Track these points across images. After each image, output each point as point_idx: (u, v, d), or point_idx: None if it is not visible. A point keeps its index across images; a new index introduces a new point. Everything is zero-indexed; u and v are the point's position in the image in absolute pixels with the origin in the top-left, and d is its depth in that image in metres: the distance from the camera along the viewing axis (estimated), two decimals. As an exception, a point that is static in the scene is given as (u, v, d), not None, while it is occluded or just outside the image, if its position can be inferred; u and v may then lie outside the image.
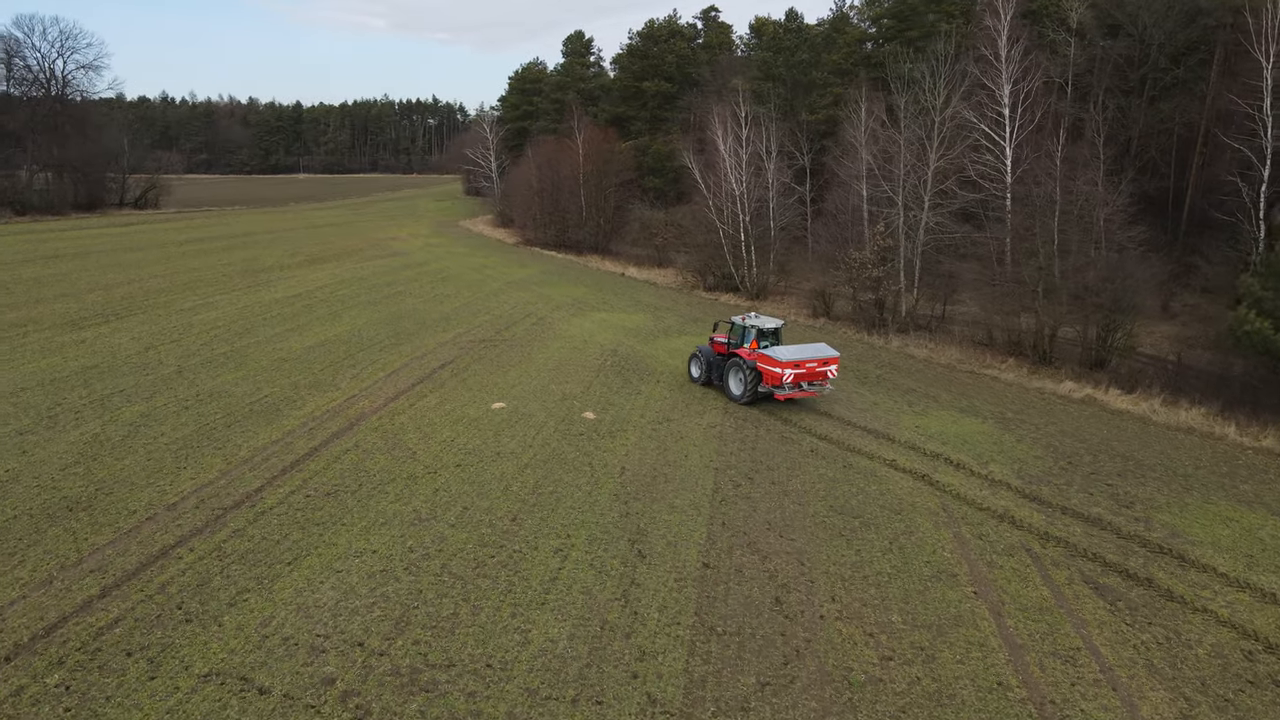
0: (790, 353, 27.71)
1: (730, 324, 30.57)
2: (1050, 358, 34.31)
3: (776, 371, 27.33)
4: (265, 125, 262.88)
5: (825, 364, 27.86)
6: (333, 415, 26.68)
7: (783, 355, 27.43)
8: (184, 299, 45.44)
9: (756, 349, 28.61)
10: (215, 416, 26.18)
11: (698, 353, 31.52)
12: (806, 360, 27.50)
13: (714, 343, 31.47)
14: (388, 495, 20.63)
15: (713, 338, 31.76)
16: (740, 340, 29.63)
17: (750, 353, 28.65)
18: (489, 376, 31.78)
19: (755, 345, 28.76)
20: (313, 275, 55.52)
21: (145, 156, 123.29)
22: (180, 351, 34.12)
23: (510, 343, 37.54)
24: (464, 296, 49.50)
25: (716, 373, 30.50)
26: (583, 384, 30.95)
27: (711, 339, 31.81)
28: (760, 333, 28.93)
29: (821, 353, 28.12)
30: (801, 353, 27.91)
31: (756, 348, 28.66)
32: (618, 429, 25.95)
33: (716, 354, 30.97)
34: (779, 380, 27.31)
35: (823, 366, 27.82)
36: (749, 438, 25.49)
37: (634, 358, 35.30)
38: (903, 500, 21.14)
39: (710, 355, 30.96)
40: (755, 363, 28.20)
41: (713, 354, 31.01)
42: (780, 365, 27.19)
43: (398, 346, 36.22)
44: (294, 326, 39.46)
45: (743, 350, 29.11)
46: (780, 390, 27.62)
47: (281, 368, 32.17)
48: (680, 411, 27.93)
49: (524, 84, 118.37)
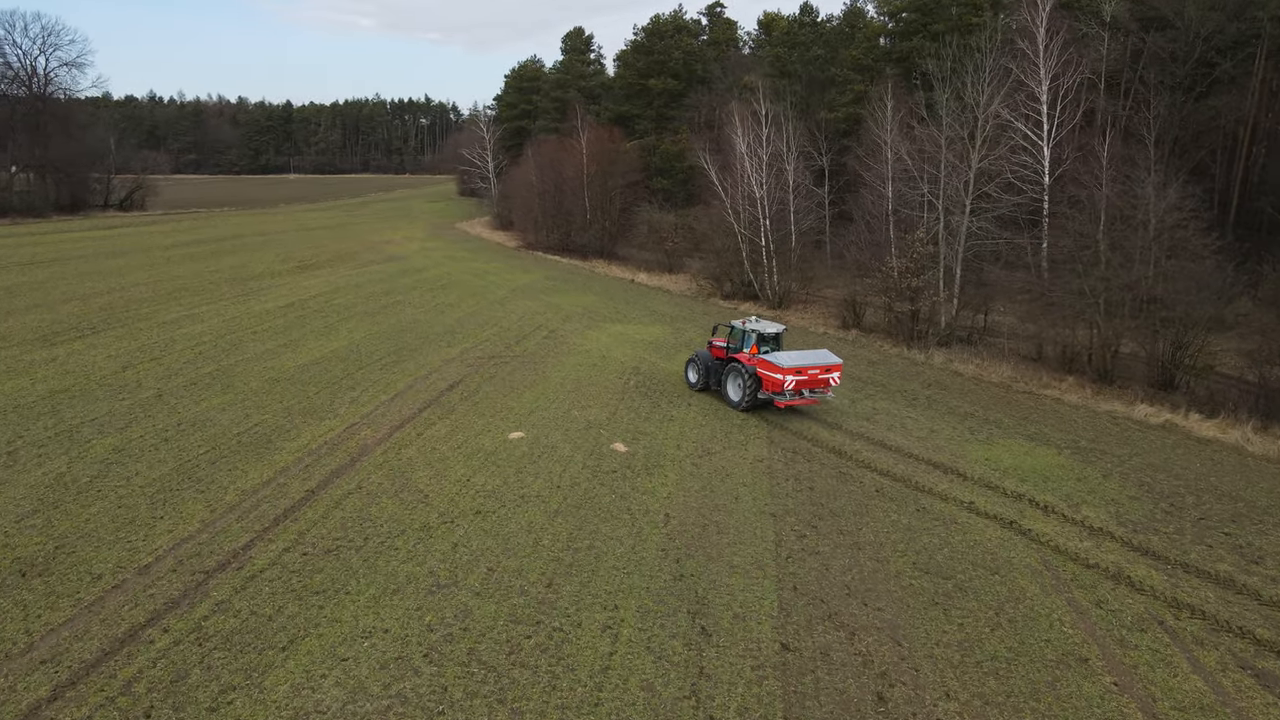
0: (792, 359, 26.64)
1: (730, 328, 29.58)
2: (1111, 375, 31.55)
3: (777, 378, 26.24)
4: (255, 125, 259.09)
5: (828, 371, 26.84)
6: (331, 448, 23.68)
7: (784, 361, 26.34)
8: (167, 310, 42.29)
9: (756, 354, 27.61)
10: (198, 451, 23.15)
11: (695, 357, 30.38)
12: (808, 367, 26.49)
13: (712, 347, 30.38)
14: (398, 552, 17.66)
15: (711, 341, 30.66)
16: (739, 345, 28.74)
17: (750, 358, 27.64)
18: (502, 399, 28.81)
19: (755, 350, 27.78)
20: (305, 283, 52.40)
21: (131, 156, 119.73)
22: (161, 371, 31.03)
23: (522, 359, 34.57)
24: (467, 306, 46.48)
25: (715, 378, 29.47)
26: (607, 408, 28.01)
27: (710, 343, 30.71)
28: (760, 337, 27.96)
29: (824, 359, 27.11)
30: (803, 359, 26.86)
31: (756, 353, 27.69)
32: (654, 464, 23.02)
33: (715, 358, 29.89)
34: (780, 387, 26.27)
35: (825, 374, 26.81)
36: (803, 474, 22.60)
37: (658, 376, 32.38)
38: (996, 555, 18.28)
39: (708, 359, 29.86)
40: (755, 368, 27.16)
41: (711, 358, 29.92)
42: (781, 372, 26.12)
43: (400, 364, 33.21)
44: (286, 341, 36.39)
45: (742, 355, 28.15)
46: (781, 397, 26.61)
47: (273, 390, 29.12)
48: (720, 442, 25.02)
49: (521, 82, 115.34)
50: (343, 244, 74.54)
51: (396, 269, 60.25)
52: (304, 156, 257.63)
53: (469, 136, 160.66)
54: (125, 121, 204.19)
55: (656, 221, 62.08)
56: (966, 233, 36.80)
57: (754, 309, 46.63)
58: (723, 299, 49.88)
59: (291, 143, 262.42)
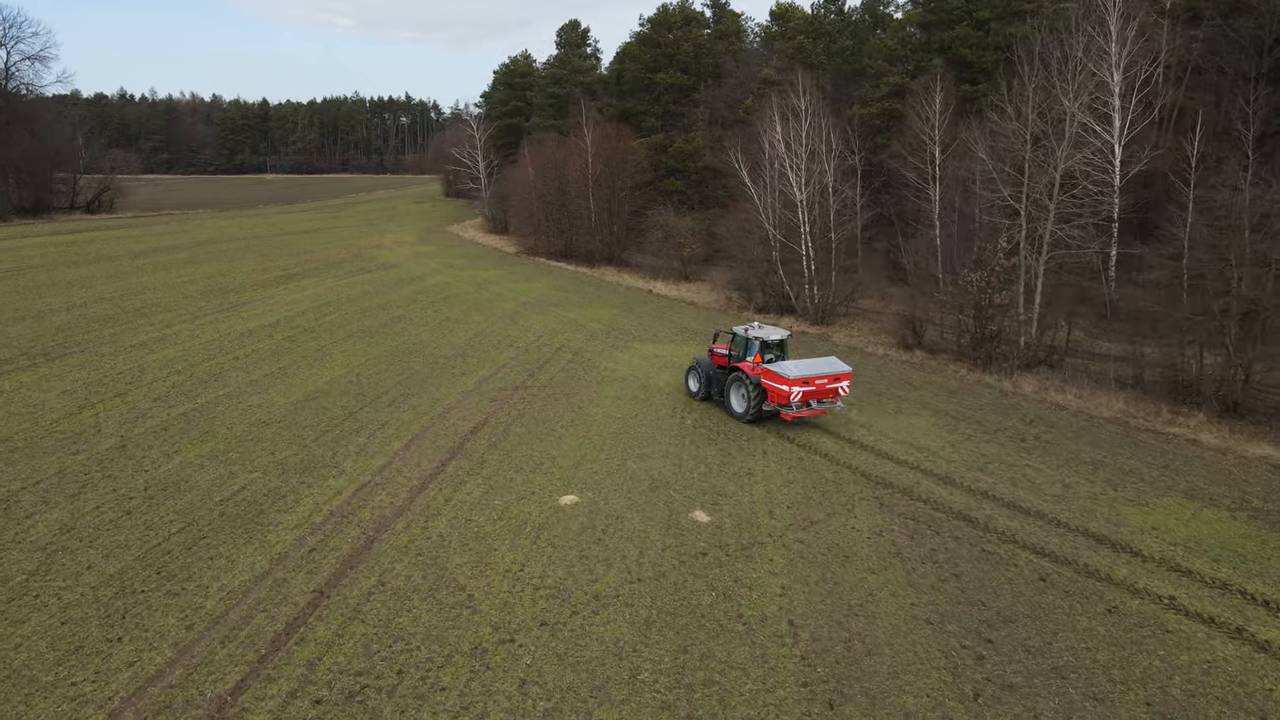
0: (799, 368, 25.25)
1: (732, 334, 27.93)
2: (1239, 409, 27.24)
3: (784, 389, 24.79)
4: (230, 124, 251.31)
5: (836, 380, 25.53)
6: (340, 521, 18.80)
7: (791, 371, 24.93)
8: (136, 330, 37.05)
9: (760, 363, 26.07)
10: (170, 528, 18.20)
11: (695, 365, 28.69)
12: (816, 377, 25.08)
13: (713, 354, 28.68)
14: (447, 697, 12.87)
15: (712, 349, 28.97)
16: (743, 353, 27.07)
17: (754, 367, 26.13)
18: (540, 446, 24.01)
19: (759, 359, 26.19)
20: (291, 296, 47.21)
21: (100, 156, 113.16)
22: (126, 412, 25.94)
23: (551, 391, 29.76)
24: (475, 323, 41.55)
25: (717, 387, 27.89)
26: (669, 458, 23.27)
27: (711, 350, 29.01)
28: (764, 345, 26.37)
29: (833, 368, 25.75)
30: (811, 368, 25.44)
31: (760, 361, 26.13)
32: (750, 541, 18.32)
33: (716, 366, 28.18)
34: (787, 399, 24.83)
35: (834, 383, 25.49)
36: (939, 554, 17.98)
37: (717, 413, 27.67)
38: (1246, 686, 13.73)
39: (710, 368, 28.16)
40: (759, 378, 25.69)
41: (712, 366, 28.22)
42: (788, 382, 24.63)
43: (410, 399, 28.30)
44: (274, 370, 31.35)
45: (745, 364, 26.54)
46: (788, 409, 25.15)
47: (261, 436, 24.14)
48: (819, 505, 20.35)
49: (512, 78, 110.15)
50: (328, 250, 69.21)
51: (390, 279, 55.12)
52: (281, 156, 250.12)
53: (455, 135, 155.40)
54: (94, 120, 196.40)
55: (672, 226, 57.33)
56: (1050, 241, 32.35)
57: (793, 324, 42.05)
58: (754, 313, 45.22)
59: (268, 142, 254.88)
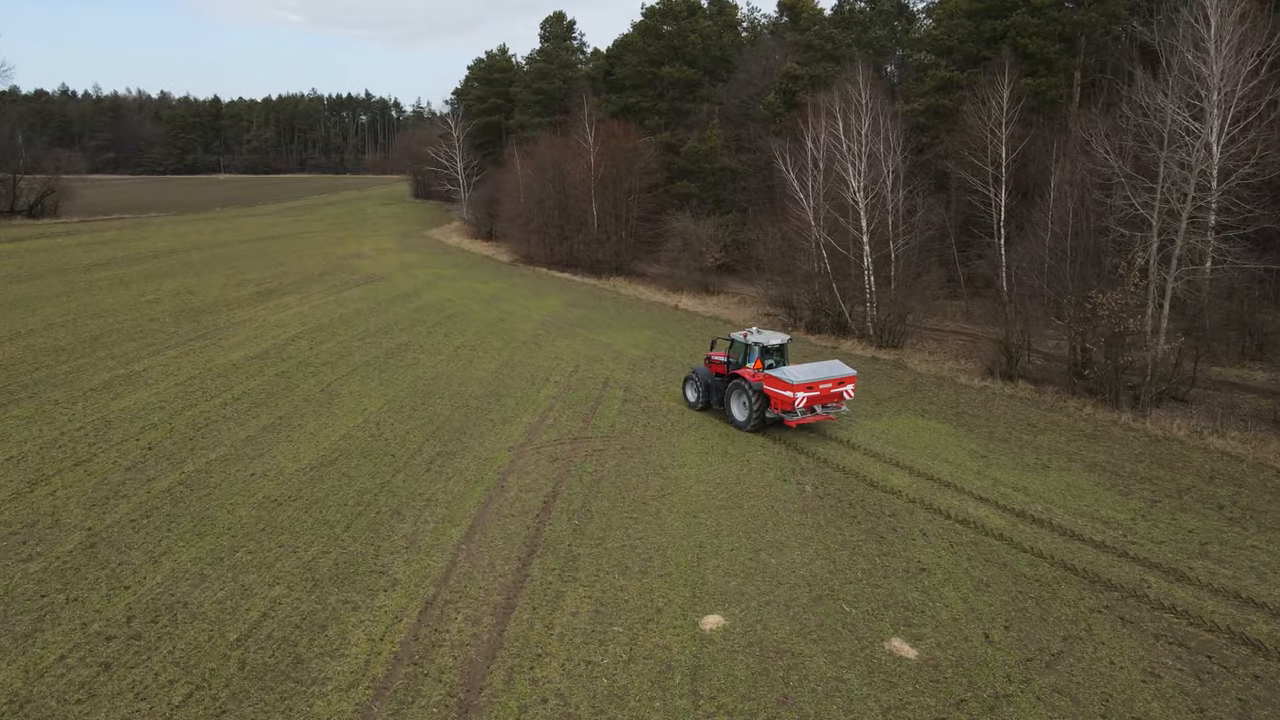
0: (803, 373, 24.66)
1: (730, 341, 27.32)
2: None
3: (788, 395, 24.06)
4: (180, 121, 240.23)
5: (841, 384, 25.01)
6: (412, 674, 13.41)
7: (795, 376, 24.21)
8: (95, 366, 30.96)
9: (761, 369, 25.48)
10: (169, 699, 12.66)
11: (693, 373, 27.82)
12: (821, 381, 24.53)
13: (711, 362, 27.94)
14: None
15: (710, 356, 28.21)
16: (742, 359, 26.50)
17: (755, 373, 25.46)
18: (638, 529, 18.77)
19: (760, 365, 25.61)
20: (274, 317, 41.17)
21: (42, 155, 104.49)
22: (92, 488, 20.14)
23: (618, 443, 24.48)
24: (495, 350, 36.03)
25: (716, 396, 27.04)
26: (810, 544, 18.17)
27: (708, 357, 28.28)
28: (764, 350, 25.81)
29: (836, 371, 25.23)
30: (815, 373, 24.91)
31: (761, 367, 25.55)
32: (990, 694, 13.28)
33: (715, 375, 27.40)
34: (791, 405, 24.14)
35: (838, 387, 24.96)
36: (1253, 711, 13.11)
37: (841, 478, 22.63)
38: None
39: (707, 376, 27.37)
40: (761, 385, 24.98)
41: (710, 375, 27.45)
42: (792, 388, 23.92)
43: (450, 460, 22.84)
44: (273, 421, 25.61)
45: (745, 370, 25.91)
46: (792, 416, 24.45)
47: (274, 523, 18.55)
48: (1045, 625, 15.36)
49: (491, 74, 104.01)
50: (305, 260, 62.85)
51: (382, 294, 49.20)
52: (235, 155, 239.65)
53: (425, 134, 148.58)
54: (34, 117, 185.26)
55: (692, 233, 52.21)
56: (1189, 255, 27.90)
57: (856, 348, 37.22)
58: (806, 332, 40.30)
59: (221, 140, 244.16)
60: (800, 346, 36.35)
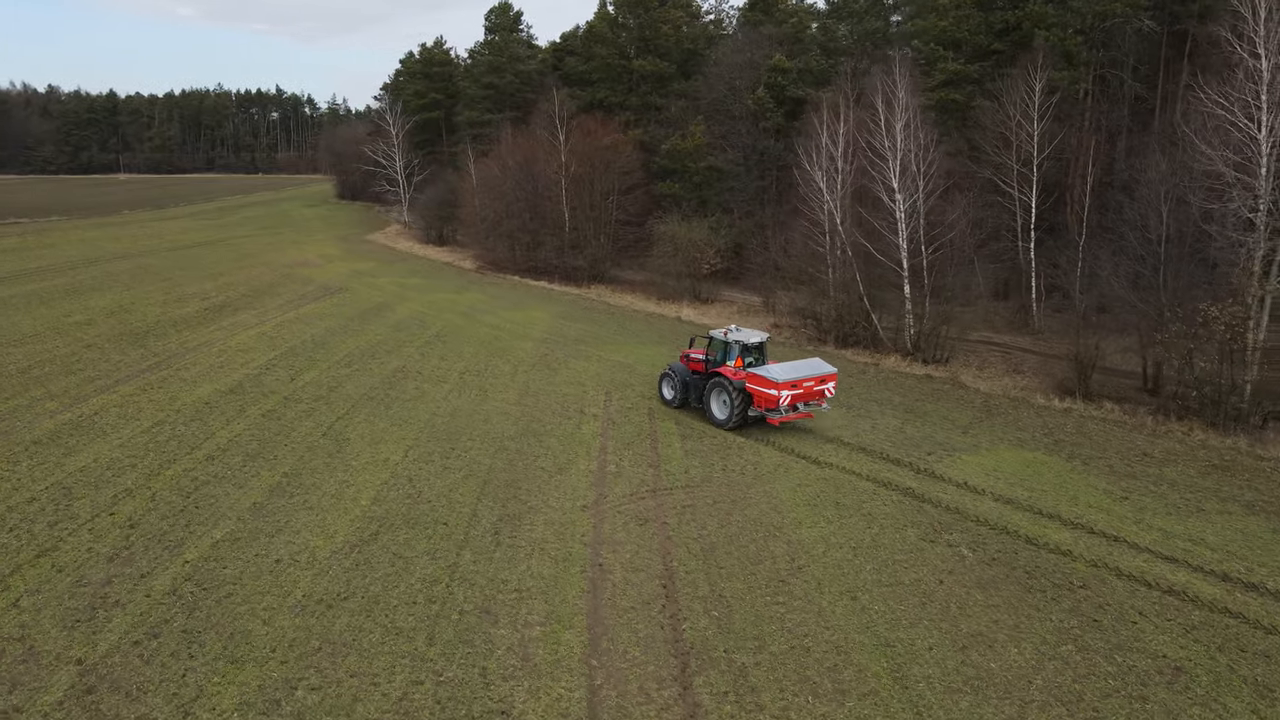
0: (785, 371, 24.48)
1: (709, 339, 27.15)
2: None
3: (771, 394, 23.87)
4: (72, 117, 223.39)
5: (823, 382, 24.92)
6: None
7: (778, 374, 24.07)
8: (31, 410, 25.33)
9: (742, 367, 25.33)
10: None
11: (670, 371, 27.63)
12: (804, 379, 24.40)
13: (688, 359, 27.64)
14: None
15: (687, 353, 27.89)
16: (721, 357, 26.25)
17: (736, 372, 25.28)
18: (795, 621, 15.01)
19: (740, 363, 25.46)
20: (234, 339, 35.65)
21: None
22: (70, 598, 15.18)
23: (707, 492, 20.60)
24: (507, 375, 31.59)
25: (695, 393, 26.67)
26: (1023, 633, 14.72)
27: (686, 354, 27.95)
28: (744, 348, 25.66)
29: (818, 369, 25.20)
30: (797, 371, 24.75)
31: (741, 366, 25.37)
32: None
33: (693, 372, 27.09)
34: (775, 403, 23.94)
35: (820, 385, 24.86)
36: None
37: (982, 530, 19.28)
38: None
39: (685, 374, 27.10)
40: (743, 383, 24.73)
41: (688, 372, 27.15)
42: (776, 386, 23.74)
43: (519, 527, 18.57)
44: (280, 479, 20.76)
45: (726, 369, 25.69)
46: (775, 414, 24.36)
47: (329, 639, 14.07)
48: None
49: (429, 68, 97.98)
50: (246, 270, 56.54)
51: (347, 309, 43.87)
52: (136, 154, 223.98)
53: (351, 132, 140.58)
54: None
55: (683, 238, 48.53)
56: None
57: (902, 365, 34.19)
58: (835, 346, 37.10)
59: (120, 138, 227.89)
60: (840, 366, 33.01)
